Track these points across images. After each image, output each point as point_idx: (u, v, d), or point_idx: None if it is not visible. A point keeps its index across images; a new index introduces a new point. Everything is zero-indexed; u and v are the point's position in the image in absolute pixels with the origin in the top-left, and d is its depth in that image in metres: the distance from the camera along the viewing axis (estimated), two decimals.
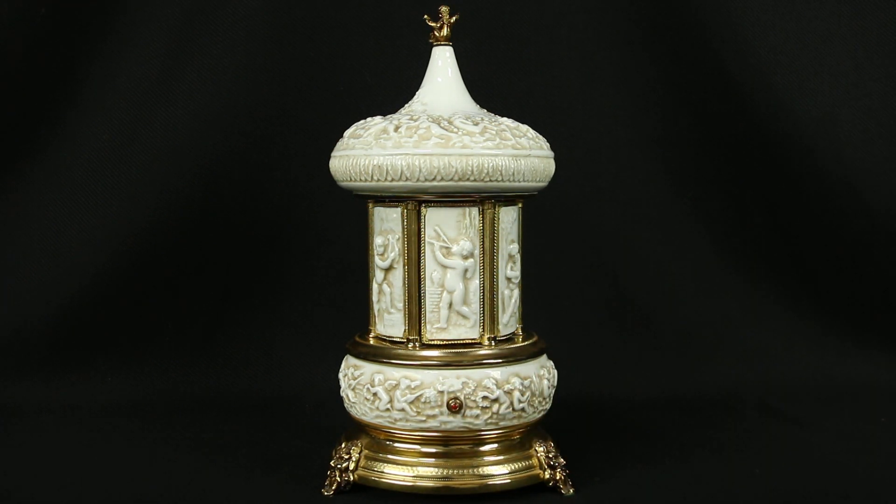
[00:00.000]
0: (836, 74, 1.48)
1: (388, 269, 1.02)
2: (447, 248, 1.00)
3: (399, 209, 1.00)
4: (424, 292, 1.00)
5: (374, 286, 1.04)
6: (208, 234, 1.44)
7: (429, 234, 1.00)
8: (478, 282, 1.01)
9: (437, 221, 0.99)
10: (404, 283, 1.01)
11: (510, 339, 1.04)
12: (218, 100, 1.43)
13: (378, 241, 1.02)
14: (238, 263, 1.45)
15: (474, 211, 1.00)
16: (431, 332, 1.00)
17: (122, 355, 1.42)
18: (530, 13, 1.46)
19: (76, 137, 1.42)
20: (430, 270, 1.00)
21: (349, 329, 1.11)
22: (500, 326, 1.03)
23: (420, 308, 1.01)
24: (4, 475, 1.08)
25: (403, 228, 1.00)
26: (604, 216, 1.48)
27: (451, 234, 1.00)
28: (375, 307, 1.05)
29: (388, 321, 1.03)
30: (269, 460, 1.13)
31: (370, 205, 1.04)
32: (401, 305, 1.01)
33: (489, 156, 0.96)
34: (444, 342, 1.01)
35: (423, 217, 0.99)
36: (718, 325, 1.49)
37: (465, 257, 1.00)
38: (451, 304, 1.00)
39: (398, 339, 1.02)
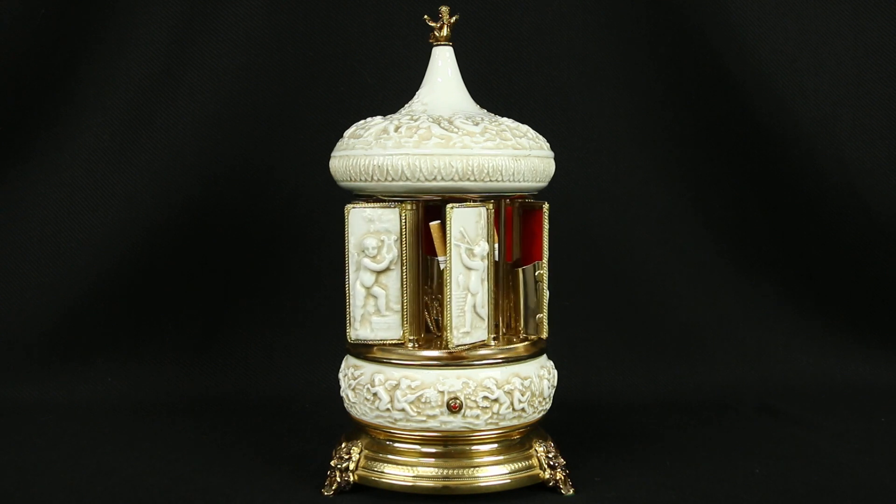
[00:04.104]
0: (836, 74, 1.48)
1: (381, 272, 1.00)
2: (470, 249, 0.99)
3: (397, 209, 0.99)
4: (451, 296, 0.97)
5: (359, 289, 1.00)
6: (208, 234, 1.44)
7: (455, 235, 0.97)
8: (488, 284, 1.01)
9: (462, 222, 0.98)
10: (403, 284, 1.00)
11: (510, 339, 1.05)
12: (218, 100, 1.43)
13: (370, 242, 0.99)
14: (238, 263, 1.45)
15: (484, 211, 1.00)
16: (458, 338, 0.98)
17: (122, 355, 1.42)
18: (530, 13, 1.46)
19: (76, 137, 1.42)
20: (457, 273, 0.97)
21: None
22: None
23: (419, 309, 1.01)
24: (4, 475, 1.08)
25: (402, 229, 0.99)
26: (604, 216, 1.48)
27: (471, 234, 0.99)
28: (358, 311, 1.00)
29: (380, 324, 1.00)
30: (269, 460, 1.13)
31: (348, 208, 1.00)
32: (397, 307, 1.00)
33: (489, 156, 0.96)
34: (466, 346, 0.99)
35: (449, 217, 0.96)
36: (718, 325, 1.49)
37: (484, 258, 0.99)
38: (474, 307, 0.99)
39: (394, 342, 1.01)
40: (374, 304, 1.00)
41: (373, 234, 1.00)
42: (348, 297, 1.01)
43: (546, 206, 1.04)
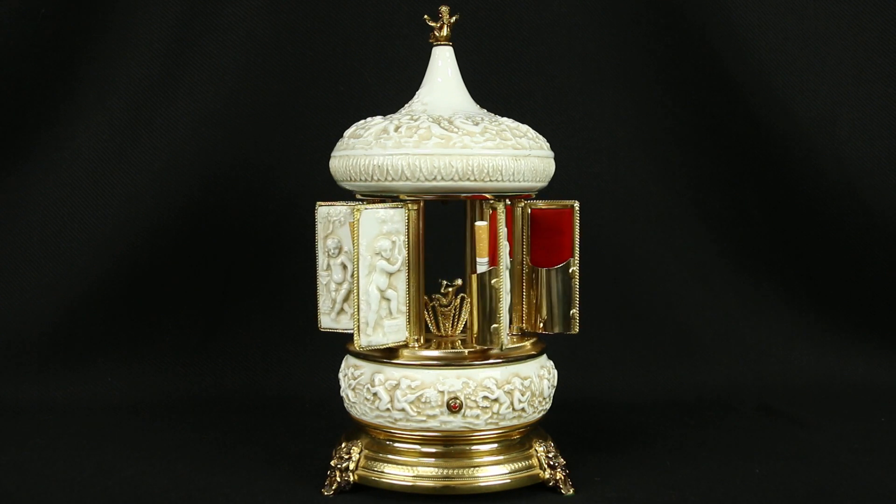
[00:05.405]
0: (836, 74, 1.48)
1: (393, 273, 0.99)
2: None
3: (404, 210, 0.99)
4: (503, 298, 0.97)
5: (374, 293, 0.98)
6: (208, 234, 1.44)
7: (503, 233, 0.97)
8: None
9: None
10: (409, 285, 0.99)
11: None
12: (218, 100, 1.43)
13: (384, 244, 0.98)
14: (238, 263, 1.45)
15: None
16: (508, 341, 0.99)
17: (122, 355, 1.42)
18: (530, 13, 1.46)
19: (76, 137, 1.42)
20: (504, 274, 0.98)
21: None
22: None
23: (420, 309, 1.01)
24: (4, 475, 1.08)
25: (408, 229, 0.99)
26: (604, 216, 1.48)
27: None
28: (372, 316, 0.98)
29: (391, 327, 0.99)
30: (269, 460, 1.13)
31: (359, 207, 0.97)
32: (405, 309, 1.00)
33: (489, 156, 0.96)
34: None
35: (499, 217, 0.97)
36: (718, 324, 1.49)
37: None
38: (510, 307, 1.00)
39: (401, 345, 1.01)
40: (387, 307, 0.99)
41: (385, 236, 0.98)
42: (356, 302, 0.96)
43: (577, 204, 1.04)
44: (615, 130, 1.49)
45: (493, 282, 0.97)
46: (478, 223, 0.99)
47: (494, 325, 0.97)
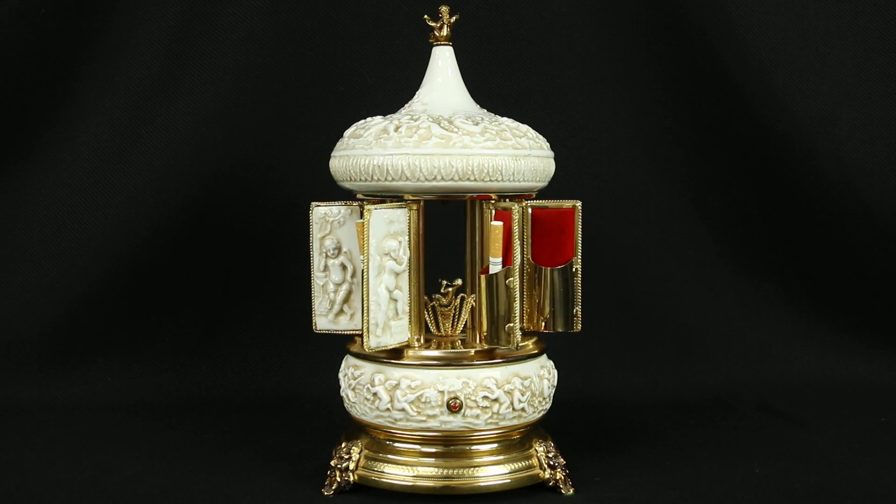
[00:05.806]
0: (836, 74, 1.48)
1: (399, 274, 0.99)
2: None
3: (407, 210, 0.99)
4: (517, 297, 0.98)
5: (384, 293, 0.98)
6: (208, 234, 1.44)
7: (518, 233, 0.98)
8: None
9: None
10: (409, 285, 0.99)
11: None
12: (218, 100, 1.43)
13: (392, 244, 0.98)
14: (238, 263, 1.45)
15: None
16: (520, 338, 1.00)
17: (122, 355, 1.42)
18: (530, 13, 1.46)
19: (76, 137, 1.42)
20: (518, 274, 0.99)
21: None
22: None
23: (420, 309, 1.02)
24: (4, 475, 1.08)
25: (410, 229, 0.99)
26: (604, 216, 1.48)
27: None
28: (381, 317, 0.98)
29: (398, 328, 0.99)
30: (269, 460, 1.13)
31: (369, 208, 0.97)
32: (407, 309, 1.00)
33: (489, 156, 0.96)
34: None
35: (516, 217, 0.98)
36: (718, 324, 1.49)
37: None
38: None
39: (405, 345, 1.01)
40: (394, 308, 0.99)
41: (392, 236, 0.98)
42: (365, 303, 0.96)
43: (579, 204, 1.05)
44: (615, 130, 1.49)
45: (507, 281, 0.97)
46: (493, 223, 0.99)
47: (510, 325, 0.98)
